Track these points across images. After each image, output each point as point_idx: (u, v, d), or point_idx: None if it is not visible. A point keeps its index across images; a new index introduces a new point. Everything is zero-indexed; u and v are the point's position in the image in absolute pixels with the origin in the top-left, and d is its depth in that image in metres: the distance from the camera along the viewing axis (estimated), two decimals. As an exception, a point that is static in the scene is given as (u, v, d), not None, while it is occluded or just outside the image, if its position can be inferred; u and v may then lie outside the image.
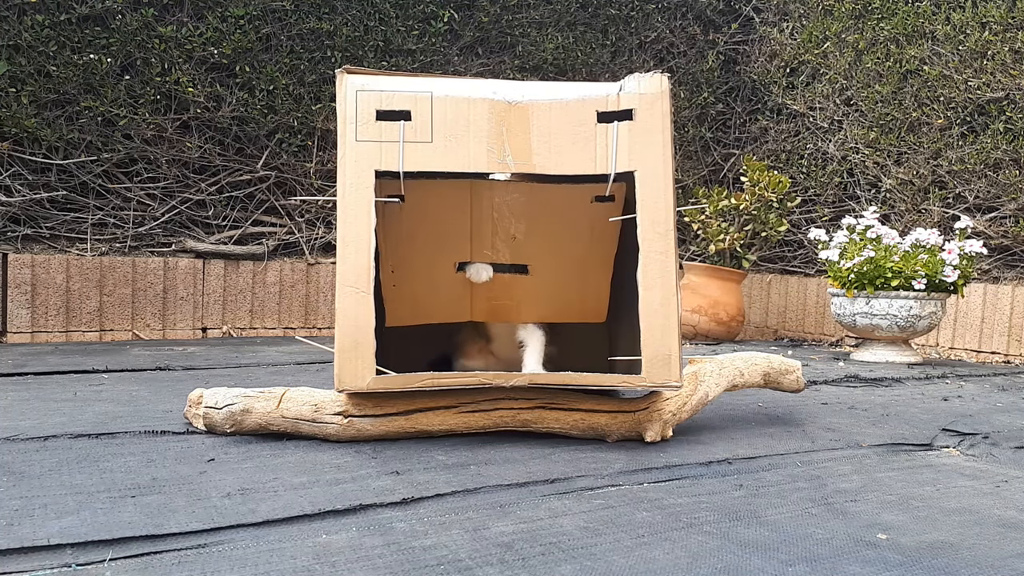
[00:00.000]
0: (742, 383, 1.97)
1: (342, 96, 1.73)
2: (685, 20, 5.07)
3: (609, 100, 1.73)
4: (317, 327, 4.07)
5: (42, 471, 1.42)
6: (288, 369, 2.78)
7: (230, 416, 1.69)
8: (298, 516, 1.22)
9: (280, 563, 1.04)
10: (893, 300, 3.46)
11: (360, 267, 1.66)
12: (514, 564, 1.06)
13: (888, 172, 4.36)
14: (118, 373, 2.60)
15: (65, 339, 3.50)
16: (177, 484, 1.36)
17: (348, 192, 1.69)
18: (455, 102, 1.73)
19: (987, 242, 3.68)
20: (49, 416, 1.86)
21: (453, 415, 1.72)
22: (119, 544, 1.08)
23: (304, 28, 4.00)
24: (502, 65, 4.51)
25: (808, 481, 1.53)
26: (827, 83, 4.66)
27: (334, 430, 1.67)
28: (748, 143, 5.19)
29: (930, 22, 4.16)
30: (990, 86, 3.90)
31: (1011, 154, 3.84)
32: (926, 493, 1.48)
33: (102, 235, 3.71)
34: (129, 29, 3.63)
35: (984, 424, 2.13)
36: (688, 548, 1.14)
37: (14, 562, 1.02)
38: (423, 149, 1.70)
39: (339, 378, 1.65)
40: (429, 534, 1.16)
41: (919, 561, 1.12)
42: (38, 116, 3.52)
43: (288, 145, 4.07)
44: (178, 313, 3.77)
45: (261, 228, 4.07)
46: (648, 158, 1.69)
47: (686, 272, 4.38)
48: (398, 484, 1.40)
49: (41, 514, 1.19)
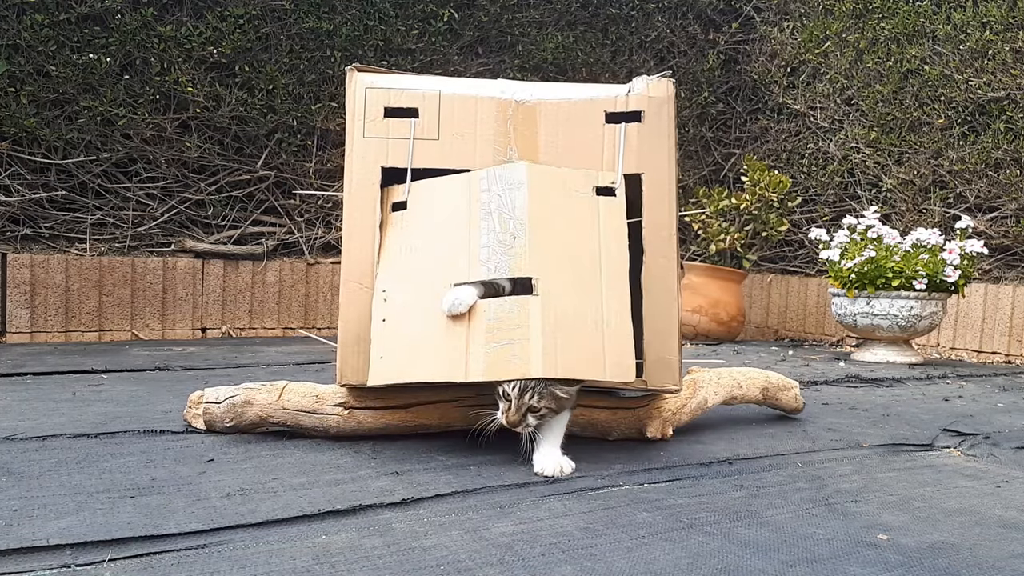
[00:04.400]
0: (740, 395, 1.97)
1: (351, 93, 1.74)
2: (685, 19, 5.06)
3: (618, 101, 1.73)
4: (317, 327, 4.07)
5: (41, 471, 1.41)
6: (288, 369, 2.77)
7: (231, 408, 1.69)
8: (298, 516, 1.21)
9: (280, 563, 1.04)
10: (894, 300, 3.46)
11: (364, 262, 1.67)
12: (514, 565, 1.06)
13: (889, 172, 4.35)
14: (117, 373, 2.60)
15: (64, 339, 3.50)
16: (176, 484, 1.36)
17: (354, 187, 1.70)
18: (463, 100, 1.73)
19: (988, 242, 3.68)
20: (48, 416, 1.86)
21: (454, 409, 1.72)
22: (118, 544, 1.08)
23: (304, 27, 4.00)
24: (502, 64, 4.51)
25: (809, 481, 1.53)
26: (828, 83, 4.66)
27: (334, 421, 1.67)
28: (749, 143, 5.19)
29: (931, 21, 4.16)
30: (991, 86, 3.90)
31: (1012, 154, 3.84)
32: (927, 493, 1.48)
33: (101, 235, 3.71)
34: (128, 29, 3.63)
35: (985, 424, 2.13)
36: (688, 548, 1.14)
37: (13, 562, 1.02)
38: (430, 146, 1.71)
39: (341, 372, 1.66)
40: (429, 535, 1.16)
41: (920, 562, 1.12)
42: (37, 116, 3.52)
43: (288, 145, 4.07)
44: (177, 313, 3.77)
45: (260, 228, 4.07)
46: (655, 161, 1.70)
47: (686, 272, 4.37)
48: (398, 484, 1.39)
49: (40, 514, 1.18)
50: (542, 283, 1.49)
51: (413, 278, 1.61)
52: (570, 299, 1.51)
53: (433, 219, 1.66)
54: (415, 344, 1.55)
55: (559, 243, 1.56)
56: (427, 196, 1.68)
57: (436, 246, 1.63)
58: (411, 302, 1.59)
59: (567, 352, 1.46)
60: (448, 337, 1.50)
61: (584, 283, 1.54)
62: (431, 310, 1.54)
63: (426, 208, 1.67)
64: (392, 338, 1.57)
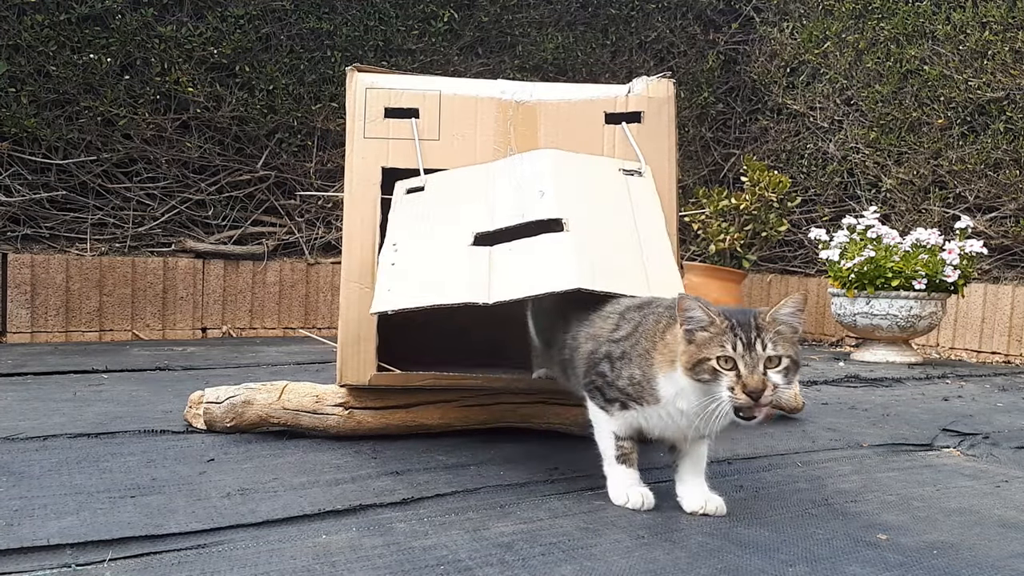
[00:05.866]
0: None
1: (351, 94, 1.74)
2: (685, 20, 5.06)
3: (618, 101, 1.73)
4: (317, 327, 4.06)
5: (42, 471, 1.42)
6: (288, 369, 2.78)
7: (231, 408, 1.69)
8: (298, 516, 1.22)
9: (280, 563, 1.04)
10: (893, 300, 3.46)
11: (364, 263, 1.67)
12: (514, 564, 1.06)
13: (888, 172, 4.36)
14: (118, 373, 2.60)
15: (65, 339, 3.50)
16: (177, 484, 1.36)
17: (355, 188, 1.70)
18: (463, 101, 1.73)
19: (987, 242, 3.68)
20: (49, 416, 1.86)
21: (454, 409, 1.72)
22: (119, 544, 1.08)
23: (304, 28, 4.00)
24: (502, 65, 4.51)
25: (808, 482, 1.53)
26: (827, 83, 4.66)
27: (335, 421, 1.67)
28: (748, 143, 5.19)
29: (930, 22, 4.16)
30: (990, 86, 3.90)
31: (1011, 154, 3.84)
32: (926, 493, 1.48)
33: (102, 235, 3.71)
34: (129, 29, 3.63)
35: (984, 424, 2.13)
36: (688, 548, 1.14)
37: (14, 562, 1.02)
38: (430, 147, 1.71)
39: (341, 372, 1.66)
40: (429, 534, 1.16)
41: (919, 561, 1.12)
42: (38, 116, 3.52)
43: (288, 145, 4.07)
44: (178, 313, 3.77)
45: (261, 228, 4.07)
46: (654, 161, 1.70)
47: (686, 272, 4.37)
48: (398, 484, 1.39)
49: (41, 514, 1.19)
50: (572, 223, 1.40)
51: (429, 231, 1.53)
52: (606, 248, 1.40)
53: (451, 194, 1.61)
54: (429, 279, 1.44)
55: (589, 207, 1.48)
56: (444, 181, 1.67)
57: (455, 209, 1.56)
58: (425, 250, 1.50)
59: (606, 271, 1.33)
60: (469, 272, 1.40)
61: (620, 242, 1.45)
62: (448, 254, 1.45)
63: (443, 187, 1.64)
64: (402, 276, 1.45)
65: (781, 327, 1.21)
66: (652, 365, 1.25)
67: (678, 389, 1.22)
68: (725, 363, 1.16)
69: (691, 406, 1.21)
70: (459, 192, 1.61)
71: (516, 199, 1.49)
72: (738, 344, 1.16)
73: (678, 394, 1.22)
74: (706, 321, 1.18)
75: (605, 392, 1.31)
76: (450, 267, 1.42)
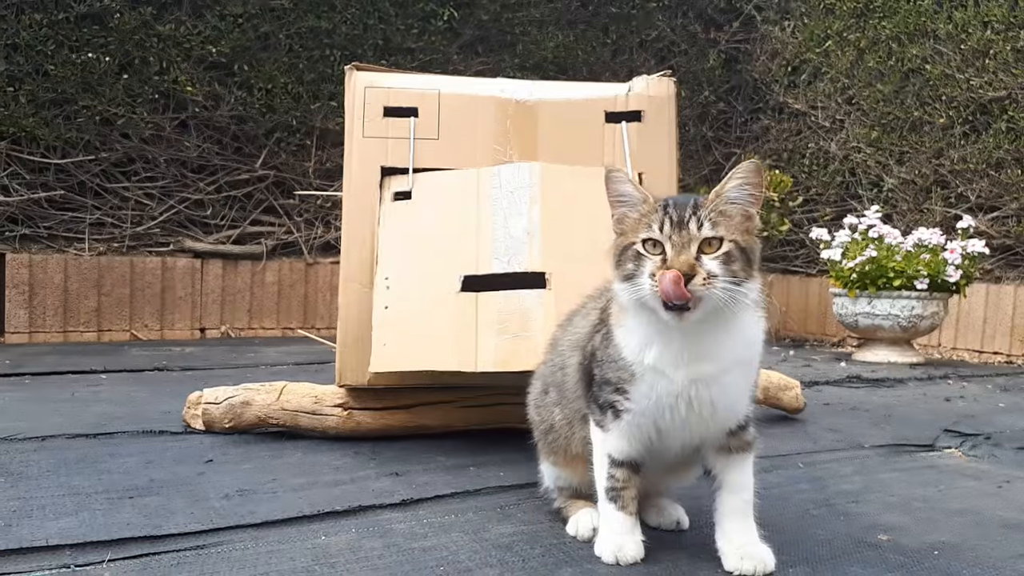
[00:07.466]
0: None
1: (350, 93, 1.73)
2: (686, 19, 5.06)
3: (618, 100, 1.73)
4: (316, 327, 4.06)
5: (40, 472, 1.41)
6: (287, 370, 2.77)
7: (230, 409, 1.68)
8: (297, 517, 1.21)
9: (279, 564, 1.03)
10: (895, 300, 3.46)
11: (364, 262, 1.66)
12: (514, 566, 1.05)
13: (890, 171, 4.35)
14: (116, 373, 2.59)
15: (63, 339, 3.49)
16: (176, 485, 1.35)
17: (354, 187, 1.69)
18: (462, 100, 1.73)
19: (989, 242, 3.67)
20: (47, 416, 1.85)
21: (454, 410, 1.72)
22: (118, 545, 1.08)
23: (303, 26, 3.99)
24: (502, 63, 4.50)
25: (810, 482, 1.53)
26: (829, 82, 4.65)
27: (334, 422, 1.67)
28: (749, 142, 5.18)
29: (932, 21, 4.15)
30: (992, 85, 3.90)
31: (1013, 153, 3.83)
32: (928, 494, 1.47)
33: (100, 235, 3.70)
34: (127, 28, 3.62)
35: (986, 425, 2.12)
36: (689, 549, 1.14)
37: (13, 563, 1.01)
38: (429, 146, 1.71)
39: (340, 372, 1.65)
40: (429, 536, 1.16)
41: (921, 562, 1.11)
42: (36, 115, 3.51)
43: (287, 144, 4.06)
44: (176, 313, 3.76)
45: (260, 228, 4.06)
46: (655, 161, 1.70)
47: (686, 271, 4.36)
48: (398, 485, 1.39)
49: (39, 515, 1.18)
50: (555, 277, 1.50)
51: (418, 266, 1.60)
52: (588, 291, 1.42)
53: (439, 209, 1.65)
54: (421, 333, 1.53)
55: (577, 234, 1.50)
56: (432, 187, 1.67)
57: (443, 235, 1.62)
58: (415, 292, 1.57)
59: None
60: (456, 326, 1.50)
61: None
62: (437, 298, 1.53)
63: (431, 198, 1.66)
64: (395, 326, 1.55)
65: (726, 206, 0.98)
66: (611, 327, 1.06)
67: (629, 330, 1.02)
68: (653, 248, 0.97)
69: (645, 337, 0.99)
70: (448, 209, 1.64)
71: (504, 234, 1.56)
72: (666, 224, 0.96)
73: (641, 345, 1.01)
74: (637, 198, 1.01)
75: (598, 397, 1.09)
76: (439, 319, 1.52)
